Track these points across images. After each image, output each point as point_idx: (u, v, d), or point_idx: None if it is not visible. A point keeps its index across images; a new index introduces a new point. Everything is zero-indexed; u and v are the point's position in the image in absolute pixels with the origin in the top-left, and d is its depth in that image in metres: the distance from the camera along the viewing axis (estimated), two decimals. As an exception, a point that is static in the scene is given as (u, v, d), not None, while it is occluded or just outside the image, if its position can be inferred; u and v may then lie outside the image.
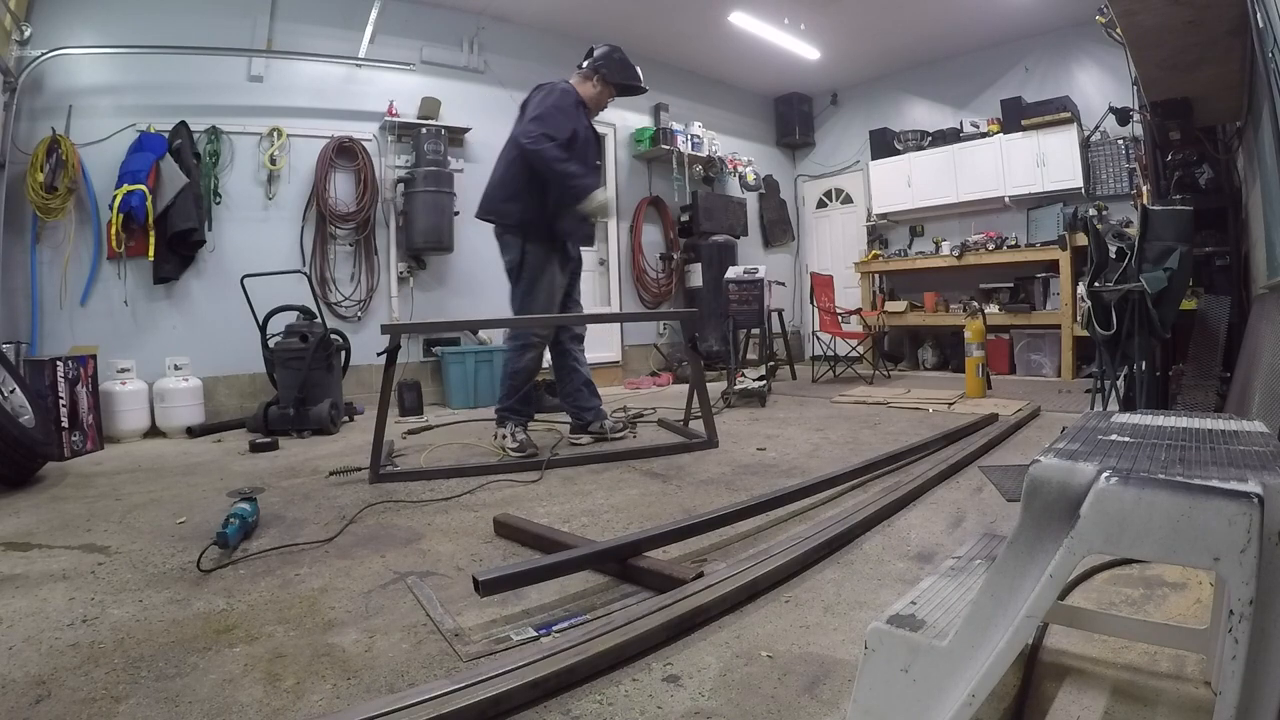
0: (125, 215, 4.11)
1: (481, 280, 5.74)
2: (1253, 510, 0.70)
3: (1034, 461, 0.86)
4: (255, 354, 4.32)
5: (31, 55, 4.06)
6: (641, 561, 1.72)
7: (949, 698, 0.86)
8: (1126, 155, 5.80)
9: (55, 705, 1.20)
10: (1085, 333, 4.00)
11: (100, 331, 4.25)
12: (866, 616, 1.44)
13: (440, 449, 3.50)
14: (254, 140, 4.83)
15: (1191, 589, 1.54)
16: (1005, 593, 0.84)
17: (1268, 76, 2.19)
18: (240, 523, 2.06)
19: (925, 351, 7.04)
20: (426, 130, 5.28)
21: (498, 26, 5.96)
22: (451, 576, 1.78)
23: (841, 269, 7.74)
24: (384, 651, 1.38)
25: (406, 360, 5.12)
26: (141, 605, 1.63)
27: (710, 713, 1.14)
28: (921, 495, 2.37)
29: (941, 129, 6.98)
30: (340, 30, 5.12)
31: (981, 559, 1.17)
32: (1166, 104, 3.74)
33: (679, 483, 2.69)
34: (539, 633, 1.44)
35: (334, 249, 5.12)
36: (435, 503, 2.49)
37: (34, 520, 2.39)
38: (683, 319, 3.92)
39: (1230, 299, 3.55)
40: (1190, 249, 3.13)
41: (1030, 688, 1.16)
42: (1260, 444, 0.97)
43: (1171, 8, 2.63)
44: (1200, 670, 1.19)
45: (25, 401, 3.14)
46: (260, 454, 3.49)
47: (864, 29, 6.37)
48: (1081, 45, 6.06)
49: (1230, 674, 0.73)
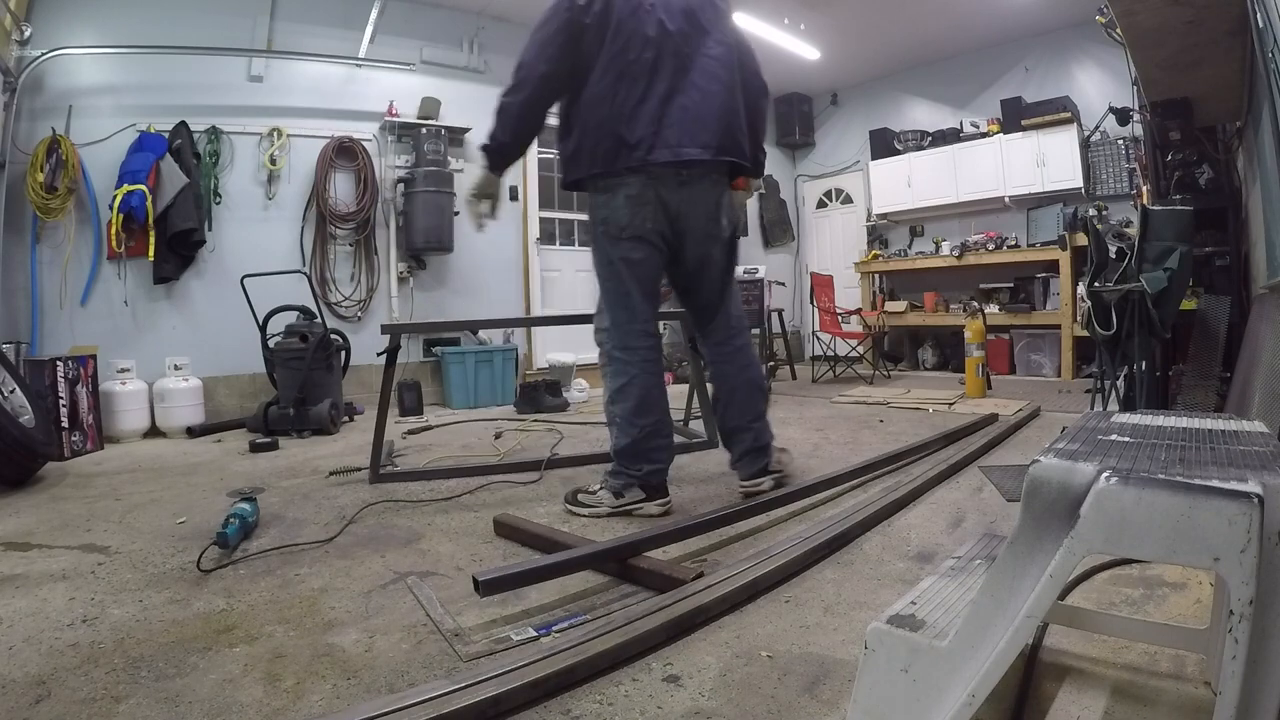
0: (125, 215, 4.11)
1: (481, 280, 5.76)
2: (1253, 510, 0.70)
3: (1034, 461, 0.86)
4: (255, 354, 4.32)
5: (31, 55, 4.06)
6: (641, 561, 1.72)
7: (949, 698, 0.86)
8: (1126, 155, 5.80)
9: (55, 705, 1.19)
10: (1085, 333, 4.00)
11: (100, 331, 4.25)
12: (866, 616, 1.44)
13: (440, 449, 3.50)
14: (254, 140, 4.83)
15: (1191, 589, 1.54)
16: (1005, 593, 0.84)
17: (1268, 76, 2.19)
18: (240, 523, 2.06)
19: (925, 351, 7.04)
20: (426, 130, 5.28)
21: (498, 26, 5.95)
22: (451, 576, 1.78)
23: (841, 269, 7.74)
24: (384, 651, 1.38)
25: (406, 360, 5.12)
26: (141, 605, 1.62)
27: (710, 713, 1.14)
28: (921, 495, 2.37)
29: (941, 129, 6.97)
30: (340, 30, 5.11)
31: (981, 559, 1.17)
32: (1166, 104, 3.74)
33: (679, 483, 2.68)
34: (539, 633, 1.44)
35: (334, 249, 5.12)
36: (435, 503, 2.49)
37: (34, 520, 2.38)
38: (683, 319, 3.91)
39: (1230, 299, 3.55)
40: (1190, 249, 3.13)
41: (1030, 688, 1.16)
42: (1260, 444, 0.97)
43: (1171, 8, 2.63)
44: (1200, 670, 1.19)
45: (25, 401, 3.14)
46: (260, 454, 3.49)
47: (864, 29, 6.36)
48: (1081, 45, 6.05)
49: (1230, 674, 0.73)
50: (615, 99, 2.14)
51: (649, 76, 2.14)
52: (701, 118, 2.17)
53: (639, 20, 2.14)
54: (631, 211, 2.19)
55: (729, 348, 2.42)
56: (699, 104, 2.17)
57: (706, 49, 2.21)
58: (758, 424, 2.40)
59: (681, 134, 2.15)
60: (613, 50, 2.14)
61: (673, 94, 2.16)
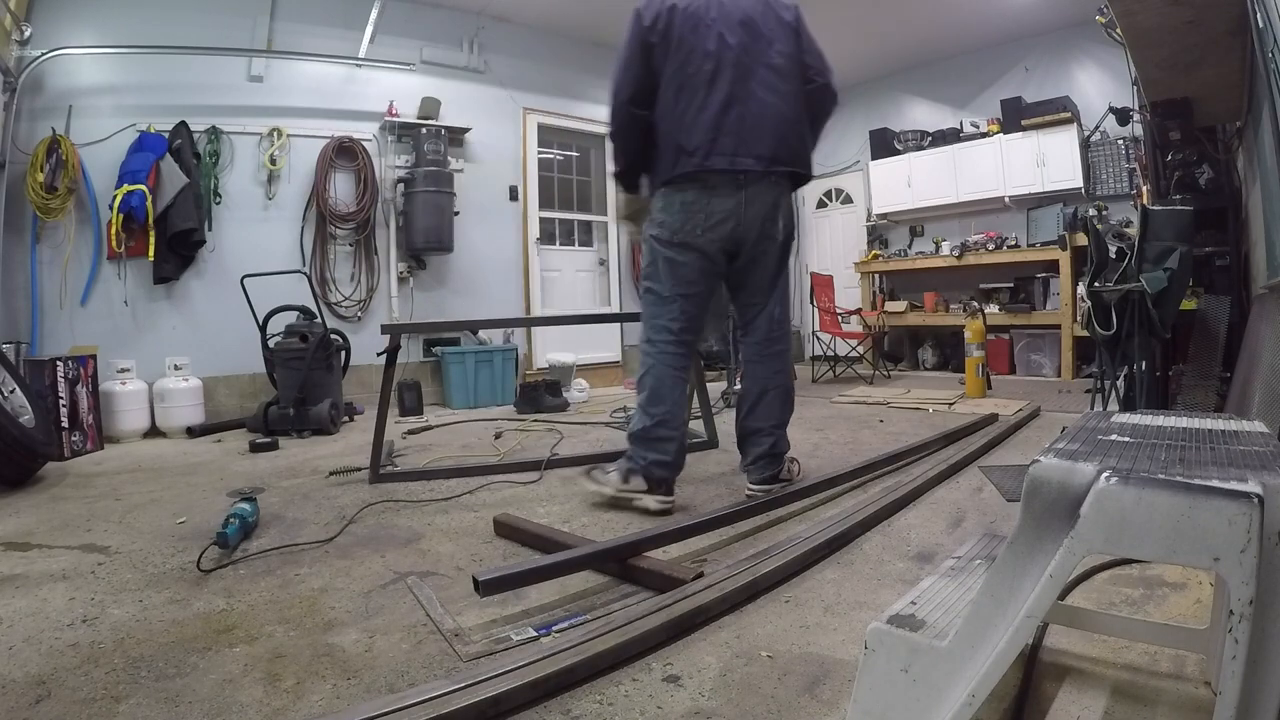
0: (125, 215, 4.11)
1: (481, 280, 5.76)
2: (1253, 510, 0.70)
3: (1034, 461, 0.86)
4: (255, 354, 4.32)
5: (31, 55, 4.06)
6: (641, 561, 1.72)
7: (949, 698, 0.86)
8: (1126, 155, 5.79)
9: (55, 705, 1.20)
10: (1085, 333, 4.00)
11: (100, 331, 4.25)
12: (866, 616, 1.44)
13: (440, 449, 3.50)
14: (254, 140, 4.83)
15: (1191, 589, 1.54)
16: (1005, 593, 0.84)
17: (1268, 76, 2.19)
18: (240, 523, 2.06)
19: (925, 351, 7.04)
20: (426, 130, 5.28)
21: (498, 26, 5.95)
22: (451, 576, 1.78)
23: (841, 269, 7.73)
24: (384, 651, 1.38)
25: (406, 360, 5.12)
26: (141, 605, 1.62)
27: (710, 713, 1.14)
28: (921, 495, 2.37)
29: (941, 129, 6.97)
30: (340, 30, 5.11)
31: (981, 559, 1.17)
32: (1166, 104, 3.74)
33: (679, 483, 2.68)
34: (539, 633, 1.44)
35: (334, 249, 5.12)
36: (435, 503, 2.49)
37: (34, 520, 2.38)
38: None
39: (1230, 299, 3.55)
40: (1190, 249, 3.13)
41: (1030, 688, 1.16)
42: (1260, 444, 0.97)
43: (1171, 8, 2.63)
44: (1200, 670, 1.19)
45: (25, 401, 3.14)
46: (260, 454, 3.49)
47: (864, 29, 6.36)
48: (1081, 45, 6.05)
49: (1230, 674, 0.73)
50: (676, 110, 2.25)
51: (707, 87, 2.23)
52: (758, 127, 2.24)
53: (699, 35, 2.24)
54: (684, 218, 2.28)
55: (768, 350, 2.43)
56: (756, 114, 2.24)
57: (768, 59, 2.28)
58: (779, 431, 2.41)
59: (738, 143, 2.22)
60: (675, 64, 2.25)
61: (731, 103, 2.23)
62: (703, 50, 2.24)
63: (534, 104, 6.18)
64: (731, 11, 2.27)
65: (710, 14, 2.25)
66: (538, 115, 6.21)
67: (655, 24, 2.24)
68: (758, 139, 2.24)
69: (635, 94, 2.28)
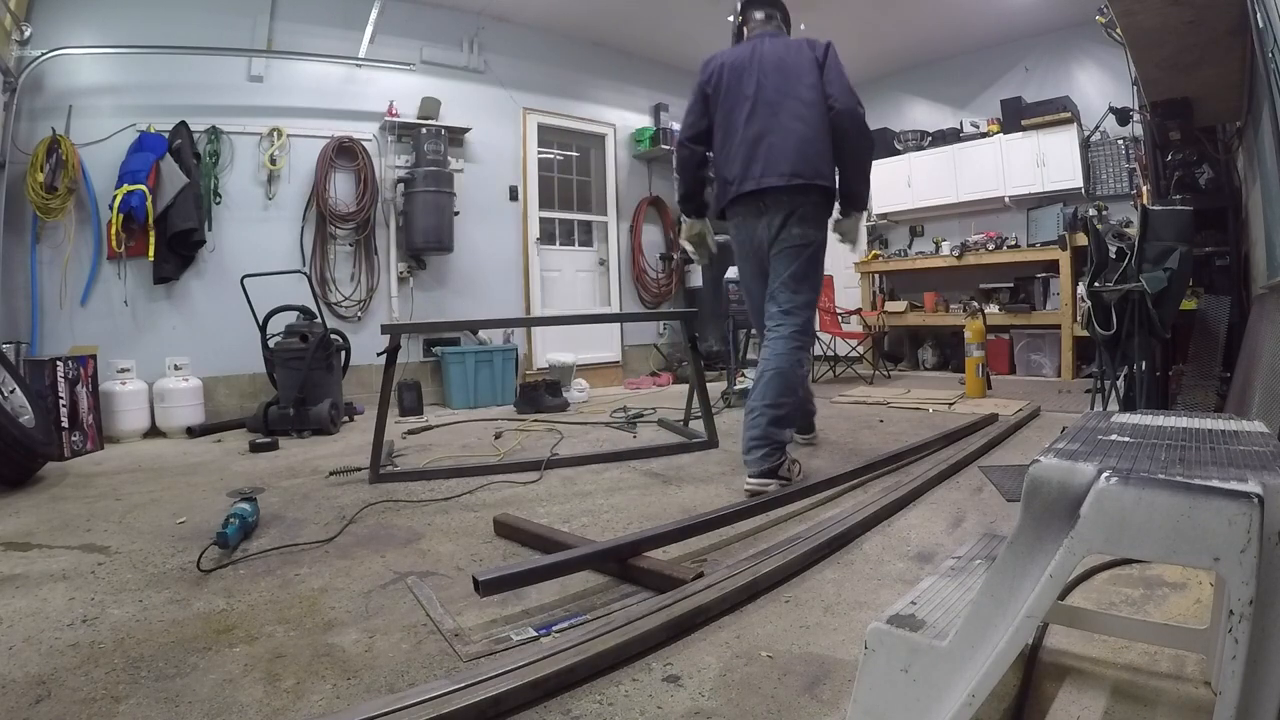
0: (125, 215, 4.11)
1: (481, 280, 5.76)
2: (1253, 510, 0.70)
3: (1034, 461, 0.86)
4: (255, 354, 4.32)
5: (31, 55, 4.06)
6: (641, 561, 1.72)
7: (949, 698, 0.86)
8: (1126, 155, 5.79)
9: (55, 705, 1.20)
10: (1085, 333, 4.00)
11: (100, 331, 4.25)
12: (866, 616, 1.44)
13: (440, 449, 3.50)
14: (254, 140, 4.83)
15: (1191, 589, 1.54)
16: (1005, 593, 0.84)
17: (1268, 76, 2.19)
18: (240, 523, 2.06)
19: (925, 351, 7.03)
20: (426, 130, 5.28)
21: (498, 26, 5.95)
22: (451, 576, 1.78)
23: (841, 269, 7.71)
24: (384, 651, 1.38)
25: (406, 360, 5.12)
26: (141, 605, 1.63)
27: (710, 713, 1.14)
28: (921, 495, 2.37)
29: (941, 129, 6.97)
30: (340, 30, 5.11)
31: (981, 559, 1.17)
32: (1166, 104, 3.74)
33: (679, 483, 2.69)
34: (539, 633, 1.44)
35: (334, 249, 5.12)
36: (435, 503, 2.49)
37: (34, 520, 2.39)
38: (683, 319, 3.90)
39: (1230, 299, 3.55)
40: (1190, 249, 3.13)
41: (1030, 688, 1.16)
42: (1260, 444, 0.97)
43: (1171, 8, 2.63)
44: (1200, 670, 1.19)
45: (25, 401, 3.14)
46: (260, 454, 3.49)
47: (864, 29, 6.36)
48: (1081, 45, 6.05)
49: (1230, 674, 0.73)
50: (722, 148, 2.74)
51: (744, 126, 2.67)
52: (783, 148, 2.61)
53: (741, 82, 2.69)
54: (739, 239, 2.84)
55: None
56: (782, 140, 2.62)
57: (798, 93, 2.64)
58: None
59: (765, 167, 2.62)
60: (724, 110, 2.72)
61: (763, 135, 2.63)
62: (742, 94, 2.67)
63: (534, 104, 6.18)
64: (768, 56, 2.69)
65: (752, 63, 2.68)
66: (538, 115, 6.21)
67: (710, 78, 2.74)
68: (782, 158, 2.60)
69: (694, 135, 2.78)
